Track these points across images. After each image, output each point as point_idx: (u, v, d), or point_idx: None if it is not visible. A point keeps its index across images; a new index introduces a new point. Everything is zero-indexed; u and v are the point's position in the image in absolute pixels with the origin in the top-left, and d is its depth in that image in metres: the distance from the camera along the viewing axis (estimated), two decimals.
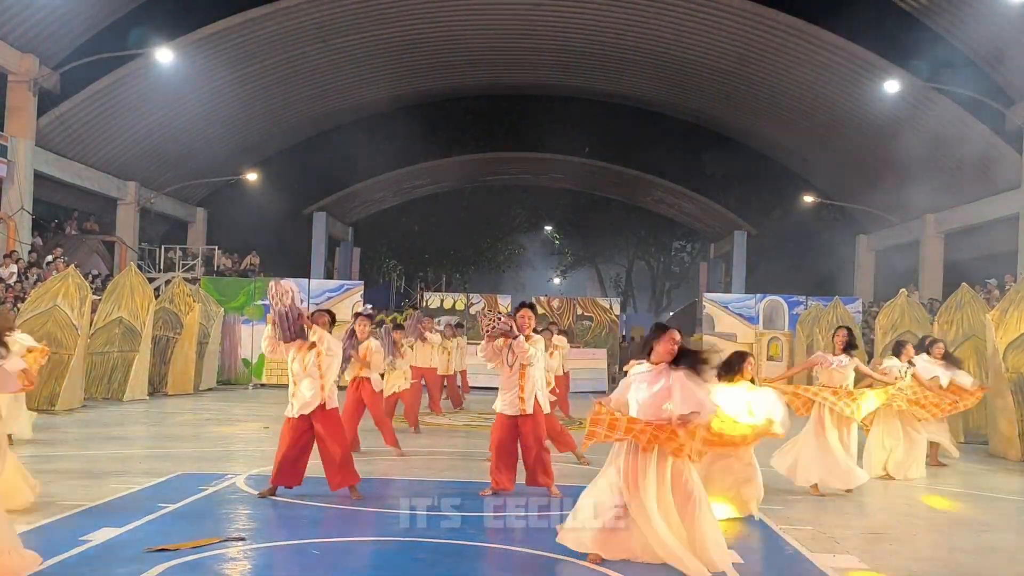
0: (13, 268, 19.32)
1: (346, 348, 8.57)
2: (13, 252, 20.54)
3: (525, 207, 42.67)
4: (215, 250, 28.80)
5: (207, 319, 19.18)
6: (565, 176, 37.65)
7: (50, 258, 21.29)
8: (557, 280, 49.67)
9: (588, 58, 29.70)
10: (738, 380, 6.91)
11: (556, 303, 26.17)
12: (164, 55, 22.43)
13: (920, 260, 28.90)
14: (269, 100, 29.23)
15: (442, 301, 25.75)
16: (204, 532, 5.93)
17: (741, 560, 5.60)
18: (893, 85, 23.21)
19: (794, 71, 26.60)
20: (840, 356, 8.61)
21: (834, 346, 8.76)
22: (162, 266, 27.45)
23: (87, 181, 26.03)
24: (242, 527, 6.30)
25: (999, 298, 15.78)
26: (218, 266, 27.83)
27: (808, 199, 31.93)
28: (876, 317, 17.56)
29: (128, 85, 24.55)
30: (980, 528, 7.25)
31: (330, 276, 31.92)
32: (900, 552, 6.18)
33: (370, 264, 39.85)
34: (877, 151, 28.04)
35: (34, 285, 17.31)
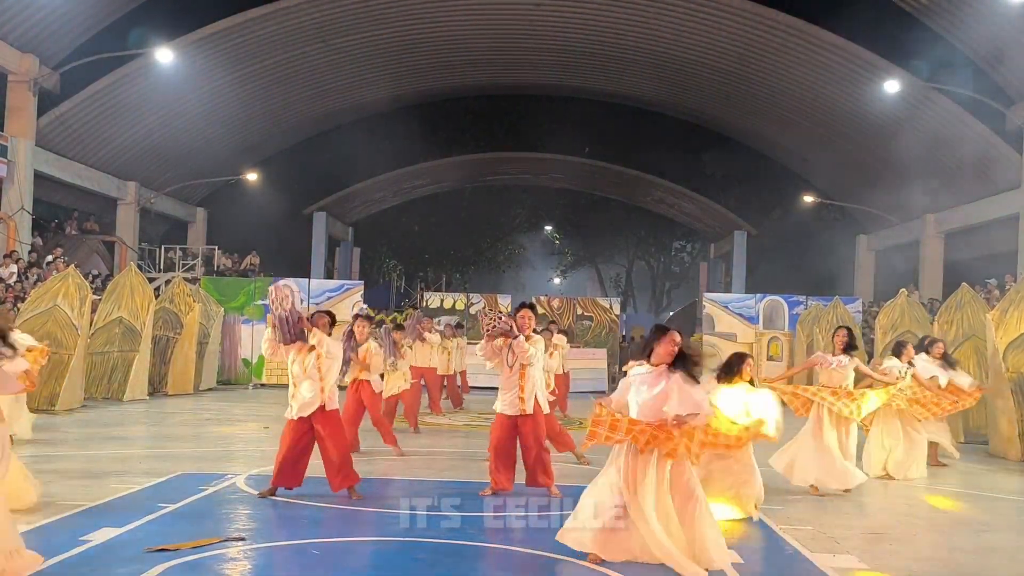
0: (13, 268, 19.32)
1: (346, 351, 8.56)
2: (13, 252, 20.54)
3: (525, 207, 42.64)
4: (215, 250, 28.78)
5: (207, 319, 19.17)
6: (565, 176, 37.63)
7: (50, 258, 21.28)
8: (557, 280, 49.66)
9: (588, 58, 29.69)
10: (737, 381, 6.93)
11: (556, 303, 26.14)
12: (164, 55, 22.45)
13: (920, 260, 28.90)
14: (269, 100, 29.25)
15: (442, 301, 25.73)
16: (204, 532, 5.93)
17: (741, 560, 5.60)
18: (893, 85, 23.21)
19: (794, 71, 26.60)
20: (840, 356, 8.62)
21: (834, 346, 8.77)
22: (162, 266, 27.44)
23: (87, 181, 26.04)
24: (242, 527, 6.30)
25: (999, 298, 15.78)
26: (218, 266, 27.82)
27: (808, 199, 31.95)
28: (876, 317, 17.56)
29: (128, 85, 24.57)
30: (980, 528, 7.25)
31: (330, 276, 31.89)
32: (900, 552, 6.18)
33: (370, 264, 39.83)
34: (877, 151, 28.05)
35: (34, 285, 17.31)
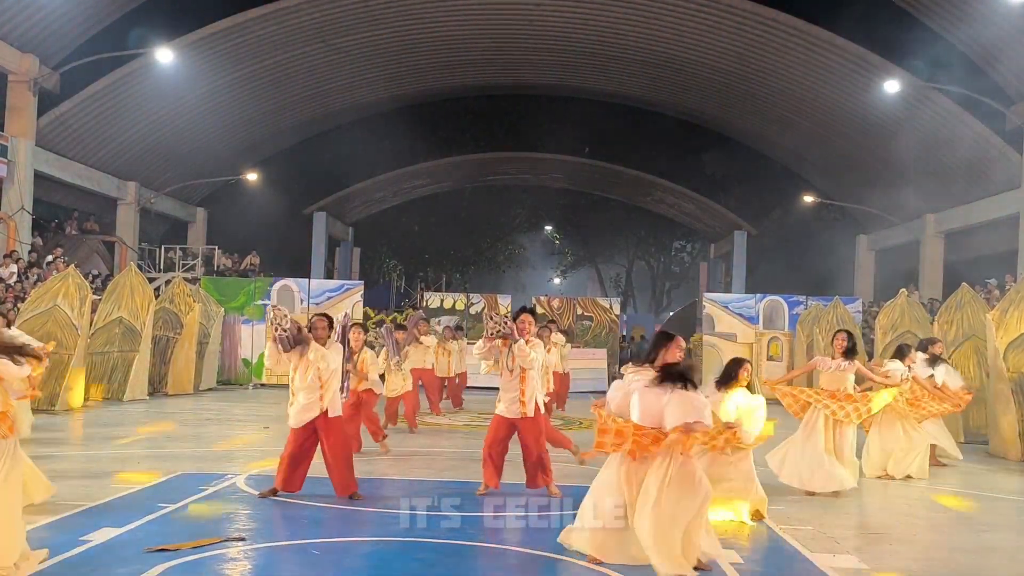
0: (13, 268, 19.31)
1: (345, 372, 8.60)
2: (13, 252, 20.54)
3: (525, 207, 42.59)
4: (215, 250, 28.75)
5: (207, 319, 19.16)
6: (565, 176, 37.61)
7: (50, 258, 21.27)
8: (557, 280, 49.65)
9: (588, 58, 29.68)
10: (735, 387, 6.98)
11: (556, 303, 26.13)
12: (164, 55, 22.42)
13: (920, 260, 28.87)
14: (269, 100, 29.22)
15: (442, 301, 25.72)
16: (204, 532, 5.94)
17: (741, 560, 5.61)
18: (893, 85, 23.19)
19: (793, 71, 26.58)
20: (839, 360, 8.62)
21: (833, 350, 8.76)
22: (162, 266, 27.41)
23: (87, 181, 26.02)
24: (242, 527, 6.31)
25: (999, 298, 15.77)
26: (218, 266, 27.80)
27: (808, 199, 31.92)
28: (876, 317, 17.57)
29: (128, 85, 24.55)
30: (980, 528, 7.26)
31: (330, 276, 31.86)
32: (900, 552, 6.18)
33: (370, 264, 39.81)
34: (877, 151, 28.03)
35: (34, 285, 17.31)
